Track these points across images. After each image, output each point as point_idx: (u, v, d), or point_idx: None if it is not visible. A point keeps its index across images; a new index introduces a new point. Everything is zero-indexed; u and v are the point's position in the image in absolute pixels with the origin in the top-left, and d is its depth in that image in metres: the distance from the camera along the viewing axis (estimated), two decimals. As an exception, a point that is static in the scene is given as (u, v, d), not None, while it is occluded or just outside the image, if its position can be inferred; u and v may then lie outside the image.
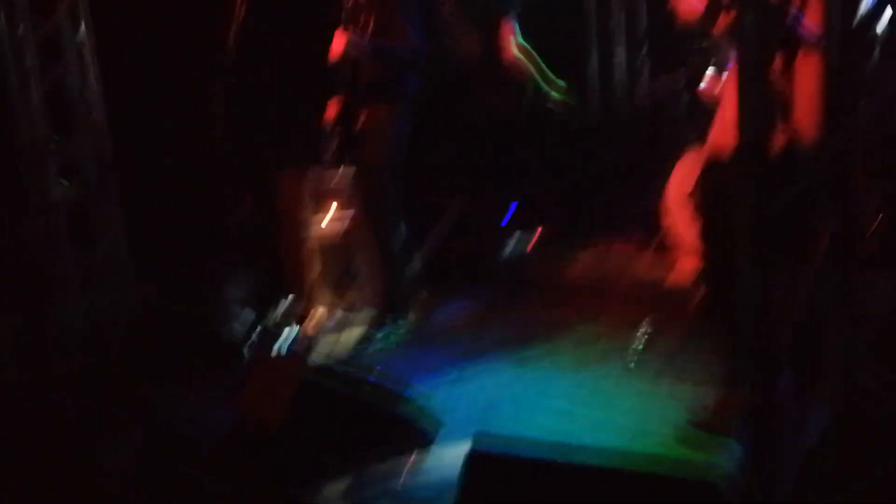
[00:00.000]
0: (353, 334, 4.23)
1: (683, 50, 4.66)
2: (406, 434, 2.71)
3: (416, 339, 4.17)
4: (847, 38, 2.00)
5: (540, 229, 5.22)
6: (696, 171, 4.21)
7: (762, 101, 1.78)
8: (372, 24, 3.90)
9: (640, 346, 3.77)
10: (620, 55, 5.62)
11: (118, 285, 4.26)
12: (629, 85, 5.46)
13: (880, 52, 2.54)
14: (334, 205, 4.73)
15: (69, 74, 4.03)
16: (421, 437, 2.73)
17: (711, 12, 2.72)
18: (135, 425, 3.25)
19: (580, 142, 5.14)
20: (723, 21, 2.67)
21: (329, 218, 4.70)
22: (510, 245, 4.96)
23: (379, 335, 4.09)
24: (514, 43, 4.19)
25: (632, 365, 3.58)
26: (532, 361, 3.73)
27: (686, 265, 4.29)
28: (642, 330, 3.83)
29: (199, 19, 4.30)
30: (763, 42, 1.79)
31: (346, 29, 3.82)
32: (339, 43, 3.80)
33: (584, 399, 3.30)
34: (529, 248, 5.10)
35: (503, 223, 4.67)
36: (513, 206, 5.36)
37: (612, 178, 5.07)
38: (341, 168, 4.60)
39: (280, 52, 4.35)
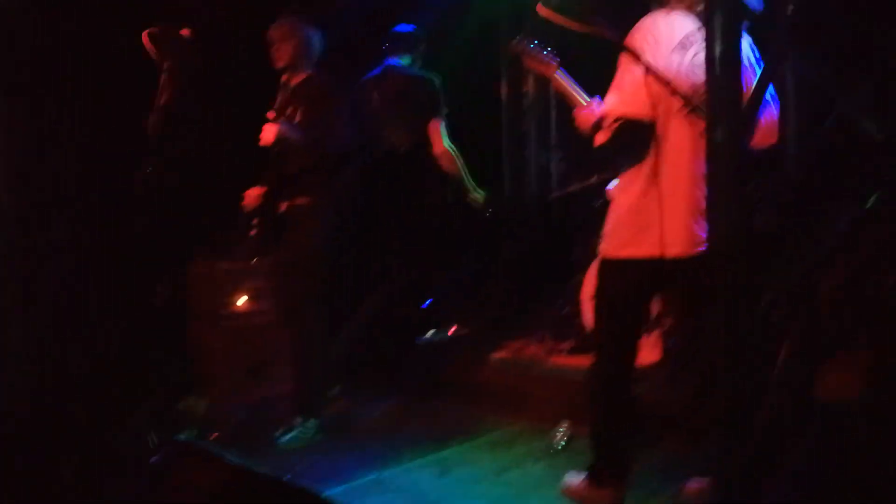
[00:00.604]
0: (263, 431, 4.05)
1: (595, 157, 4.84)
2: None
3: (330, 438, 4.04)
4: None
5: (455, 326, 5.21)
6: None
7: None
8: (301, 115, 3.90)
9: (560, 447, 3.75)
10: (532, 161, 5.80)
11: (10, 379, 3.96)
12: (543, 189, 5.61)
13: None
14: (248, 297, 4.60)
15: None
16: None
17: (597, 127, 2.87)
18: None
19: (495, 241, 5.21)
20: (600, 136, 2.83)
21: (243, 309, 4.55)
22: (426, 342, 4.90)
23: (291, 433, 3.93)
24: (444, 140, 4.26)
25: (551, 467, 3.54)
26: (452, 465, 3.64)
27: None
28: (560, 431, 3.82)
29: (116, 104, 4.22)
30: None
31: (276, 119, 3.78)
32: (268, 132, 3.76)
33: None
34: (445, 345, 5.05)
35: (418, 320, 4.60)
36: (428, 302, 5.36)
37: (530, 277, 5.13)
38: (258, 259, 4.52)
39: (203, 139, 4.31)
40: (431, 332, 5.03)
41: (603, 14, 2.81)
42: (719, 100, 2.10)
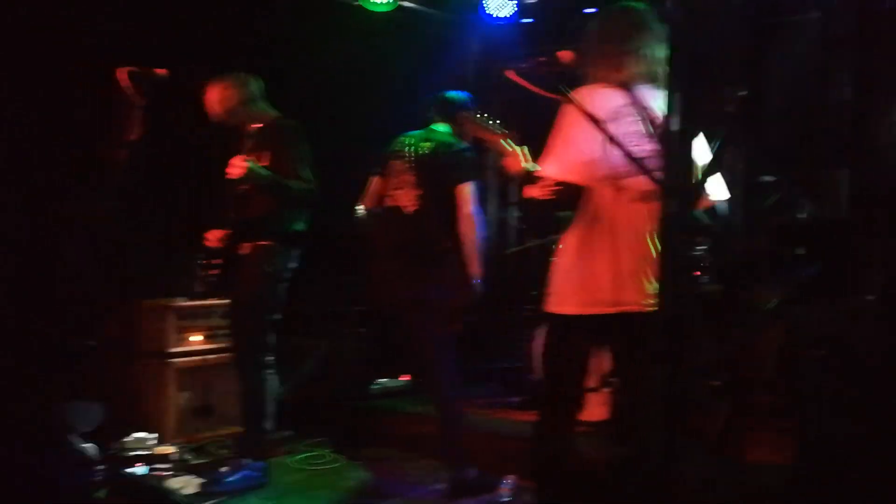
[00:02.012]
0: (207, 474, 4.02)
1: (552, 216, 4.97)
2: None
3: (276, 482, 4.02)
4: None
5: (404, 377, 5.25)
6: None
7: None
8: (266, 157, 3.95)
9: (504, 500, 3.79)
10: (492, 216, 5.94)
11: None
12: (500, 244, 5.72)
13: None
14: (199, 336, 4.60)
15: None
16: None
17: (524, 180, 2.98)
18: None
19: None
20: (535, 192, 2.94)
21: (192, 349, 4.54)
22: (377, 389, 4.93)
23: (237, 475, 3.90)
24: (470, 204, 4.01)
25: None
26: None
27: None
28: (506, 484, 3.86)
29: (81, 139, 4.25)
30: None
31: (245, 157, 3.82)
32: (236, 167, 3.80)
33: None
34: (395, 393, 5.09)
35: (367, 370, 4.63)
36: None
37: (481, 331, 5.19)
38: (212, 299, 4.53)
39: (165, 176, 4.33)
40: (383, 380, 5.06)
41: (566, 81, 2.93)
42: (674, 173, 2.21)
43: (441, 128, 4.21)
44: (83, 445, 3.93)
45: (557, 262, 3.02)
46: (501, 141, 3.00)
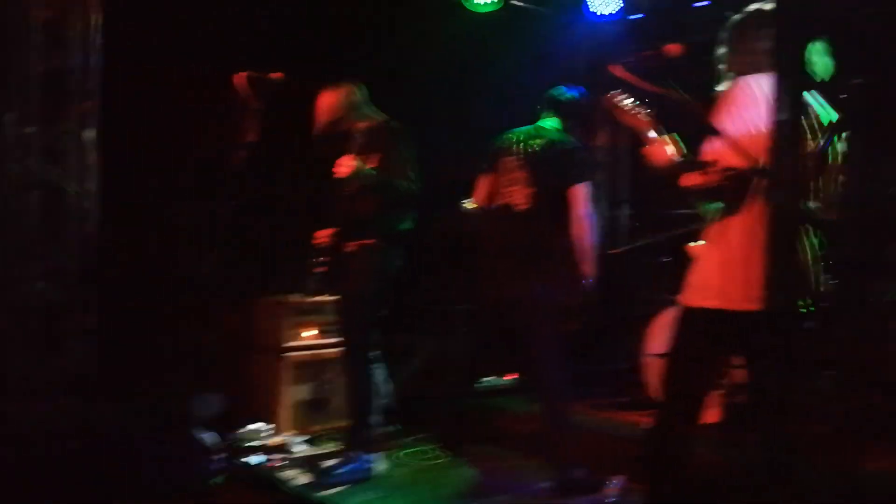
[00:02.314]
0: (318, 465, 4.14)
1: (665, 214, 4.88)
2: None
3: (384, 475, 4.10)
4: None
5: (510, 375, 5.25)
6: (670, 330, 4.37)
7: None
8: (373, 159, 4.03)
9: (610, 502, 3.74)
10: (600, 214, 5.85)
11: (81, 396, 4.14)
12: (609, 243, 5.62)
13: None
14: (313, 331, 4.74)
15: (69, 179, 4.07)
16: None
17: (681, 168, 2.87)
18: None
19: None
20: (692, 179, 2.82)
21: (306, 344, 4.69)
22: (482, 387, 4.93)
23: (346, 468, 3.99)
24: (585, 205, 3.97)
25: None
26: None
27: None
28: (612, 485, 3.81)
29: (200, 142, 4.46)
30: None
31: (353, 157, 3.90)
32: (344, 166, 3.87)
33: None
34: (501, 391, 5.09)
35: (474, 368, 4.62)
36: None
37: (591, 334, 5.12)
38: (323, 296, 4.66)
39: (278, 178, 4.49)
40: (489, 378, 5.07)
41: (673, 77, 2.87)
42: (783, 163, 2.14)
43: (550, 123, 4.18)
44: (203, 434, 4.14)
45: (705, 253, 2.87)
46: (648, 129, 2.95)
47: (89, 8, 4.04)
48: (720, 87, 2.88)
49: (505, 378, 5.21)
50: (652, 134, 2.96)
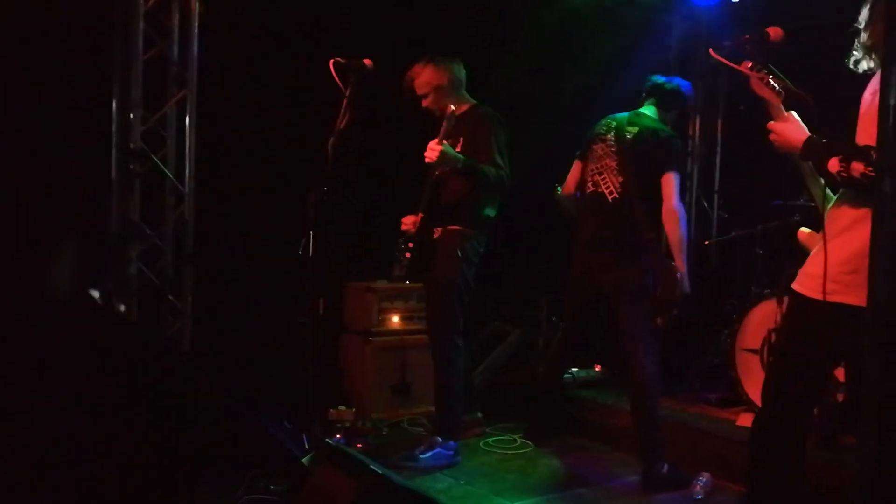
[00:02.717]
0: (403, 448, 4.18)
1: (758, 207, 4.72)
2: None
3: (467, 462, 4.10)
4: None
5: (598, 367, 5.19)
6: (766, 325, 4.23)
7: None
8: (461, 145, 4.02)
9: (698, 498, 3.66)
10: (693, 204, 5.72)
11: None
12: (699, 238, 5.48)
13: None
14: (397, 316, 4.78)
15: (168, 165, 4.20)
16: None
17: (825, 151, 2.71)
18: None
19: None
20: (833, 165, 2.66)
21: (391, 329, 4.73)
22: (566, 381, 4.88)
23: (431, 452, 4.01)
24: (674, 198, 3.88)
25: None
26: (589, 504, 3.63)
27: (748, 419, 4.20)
28: (701, 481, 3.72)
29: (292, 128, 4.54)
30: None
31: (440, 141, 3.88)
32: (433, 151, 3.86)
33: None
34: (588, 383, 5.03)
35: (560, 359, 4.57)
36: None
37: (682, 328, 5.01)
38: (410, 281, 4.68)
39: (367, 165, 4.52)
40: (576, 369, 5.02)
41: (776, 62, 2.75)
42: (890, 150, 2.02)
43: (648, 111, 4.11)
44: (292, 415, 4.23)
45: (833, 243, 2.67)
46: (780, 105, 2.79)
47: (189, -3, 4.15)
48: (862, 68, 2.73)
49: (592, 370, 5.14)
50: (785, 111, 2.81)
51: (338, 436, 4.12)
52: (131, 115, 4.05)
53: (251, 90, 4.44)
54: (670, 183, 3.89)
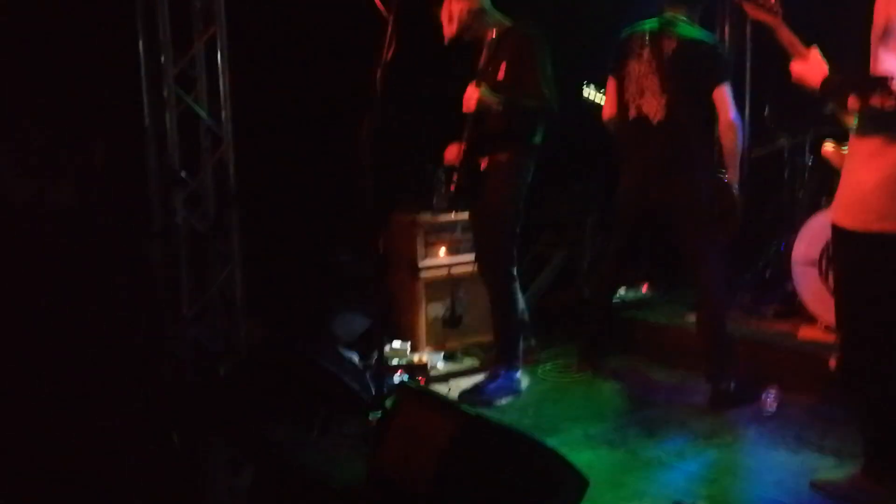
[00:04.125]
0: (465, 382, 4.16)
1: (807, 114, 4.59)
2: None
3: (531, 389, 4.09)
4: None
5: (646, 285, 5.14)
6: (823, 236, 4.16)
7: None
8: (503, 71, 3.87)
9: (770, 413, 3.66)
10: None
11: (228, 320, 4.22)
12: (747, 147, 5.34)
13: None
14: (443, 248, 4.69)
15: (201, 107, 4.05)
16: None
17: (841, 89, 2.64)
18: (248, 465, 3.19)
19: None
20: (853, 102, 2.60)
21: (439, 263, 4.66)
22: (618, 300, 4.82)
23: (496, 383, 3.99)
24: (730, 111, 3.71)
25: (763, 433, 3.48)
26: (659, 426, 3.61)
27: (809, 331, 4.18)
28: (770, 396, 3.72)
29: (332, 62, 4.37)
30: None
31: (478, 84, 3.77)
32: (469, 100, 3.78)
33: (724, 468, 3.19)
34: (638, 303, 4.98)
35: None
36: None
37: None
38: (456, 212, 4.59)
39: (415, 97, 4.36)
40: (623, 289, 4.96)
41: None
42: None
43: (679, 16, 3.84)
44: (349, 355, 4.19)
45: (859, 171, 2.66)
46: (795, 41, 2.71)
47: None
48: None
49: (640, 290, 5.09)
50: (801, 47, 2.72)
51: (398, 373, 4.09)
52: (162, 59, 3.87)
53: (281, 23, 4.25)
54: (724, 96, 3.73)
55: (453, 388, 4.10)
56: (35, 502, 2.96)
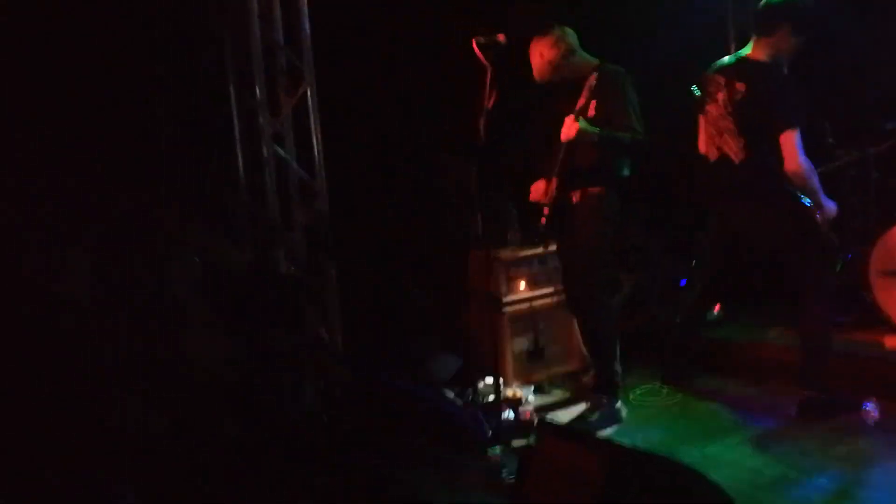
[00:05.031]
0: (562, 413, 4.25)
1: (869, 129, 4.75)
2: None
3: (630, 421, 4.15)
4: None
5: (717, 306, 5.24)
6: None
7: None
8: (594, 109, 3.99)
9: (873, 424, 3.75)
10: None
11: (325, 365, 4.31)
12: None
13: None
14: (523, 282, 4.80)
15: (296, 164, 4.18)
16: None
17: None
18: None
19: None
20: None
21: (521, 297, 4.76)
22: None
23: (599, 412, 4.09)
24: (798, 156, 3.74)
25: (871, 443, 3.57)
26: (770, 442, 3.71)
27: (895, 341, 4.29)
28: (868, 408, 3.80)
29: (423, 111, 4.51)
30: None
31: (575, 116, 3.89)
32: (569, 128, 3.89)
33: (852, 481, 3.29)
34: (715, 324, 5.09)
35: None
36: (682, 282, 5.44)
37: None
38: (528, 249, 4.71)
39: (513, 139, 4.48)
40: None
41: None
42: None
43: (758, 50, 3.90)
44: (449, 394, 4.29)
45: None
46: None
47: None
48: None
49: (713, 311, 5.20)
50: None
51: (505, 409, 4.16)
52: (260, 119, 4.01)
53: (365, 74, 4.40)
54: (788, 142, 3.74)
55: (554, 420, 4.19)
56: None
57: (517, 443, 3.75)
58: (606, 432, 4.00)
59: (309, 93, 4.14)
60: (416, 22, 4.43)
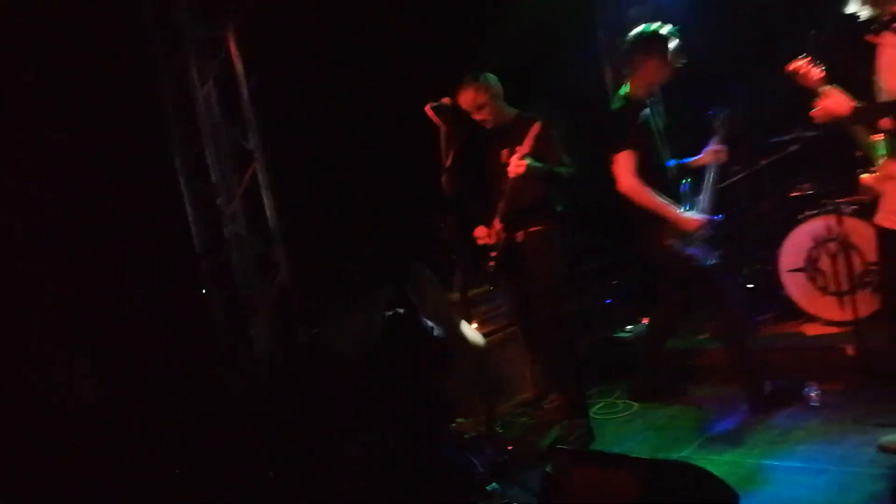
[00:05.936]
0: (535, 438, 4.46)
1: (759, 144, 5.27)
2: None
3: (602, 438, 4.37)
4: None
5: (645, 319, 5.62)
6: (805, 245, 4.81)
7: None
8: (535, 150, 4.17)
9: (816, 405, 4.15)
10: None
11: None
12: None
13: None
14: (475, 324, 4.99)
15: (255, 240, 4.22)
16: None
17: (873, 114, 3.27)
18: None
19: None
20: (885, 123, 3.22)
21: (474, 332, 4.94)
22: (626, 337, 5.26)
23: (573, 437, 4.31)
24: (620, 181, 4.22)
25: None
26: (738, 439, 3.99)
27: (813, 328, 4.80)
28: (812, 391, 4.18)
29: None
30: None
31: (522, 155, 4.09)
32: (518, 165, 4.07)
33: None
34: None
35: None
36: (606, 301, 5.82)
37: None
38: (473, 290, 4.91)
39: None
40: (629, 327, 5.45)
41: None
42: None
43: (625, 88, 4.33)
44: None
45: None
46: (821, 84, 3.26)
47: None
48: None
49: (643, 322, 5.56)
50: (825, 87, 3.28)
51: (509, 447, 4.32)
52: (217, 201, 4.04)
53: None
54: (616, 164, 4.20)
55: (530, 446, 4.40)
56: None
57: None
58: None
59: (258, 170, 4.20)
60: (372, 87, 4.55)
